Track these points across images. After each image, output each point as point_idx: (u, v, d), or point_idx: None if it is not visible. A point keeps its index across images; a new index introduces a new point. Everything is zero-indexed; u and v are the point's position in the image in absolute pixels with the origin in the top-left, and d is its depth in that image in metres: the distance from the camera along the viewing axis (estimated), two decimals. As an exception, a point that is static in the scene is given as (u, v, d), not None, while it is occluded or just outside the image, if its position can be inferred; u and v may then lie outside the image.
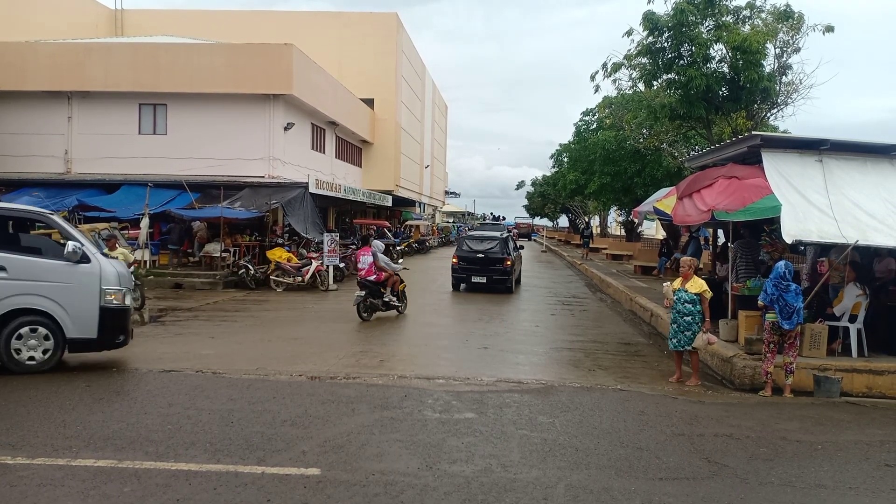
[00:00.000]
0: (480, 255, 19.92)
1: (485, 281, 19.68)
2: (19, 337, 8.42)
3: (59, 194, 22.34)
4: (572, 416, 7.30)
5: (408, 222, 45.42)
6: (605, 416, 7.39)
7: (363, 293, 13.96)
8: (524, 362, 10.49)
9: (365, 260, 14.36)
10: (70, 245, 8.56)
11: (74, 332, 8.65)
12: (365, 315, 13.92)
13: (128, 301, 9.14)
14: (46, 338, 8.53)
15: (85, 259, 8.70)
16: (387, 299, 14.29)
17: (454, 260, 20.37)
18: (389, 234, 33.55)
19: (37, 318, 8.50)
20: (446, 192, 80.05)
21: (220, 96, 24.13)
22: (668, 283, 9.69)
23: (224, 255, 20.80)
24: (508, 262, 19.84)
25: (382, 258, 14.51)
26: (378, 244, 14.91)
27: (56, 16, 33.82)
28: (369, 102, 38.88)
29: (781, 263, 8.84)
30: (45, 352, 8.55)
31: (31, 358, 8.48)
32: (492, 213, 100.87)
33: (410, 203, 49.44)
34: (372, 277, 14.08)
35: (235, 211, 20.96)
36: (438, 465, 5.69)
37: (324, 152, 31.30)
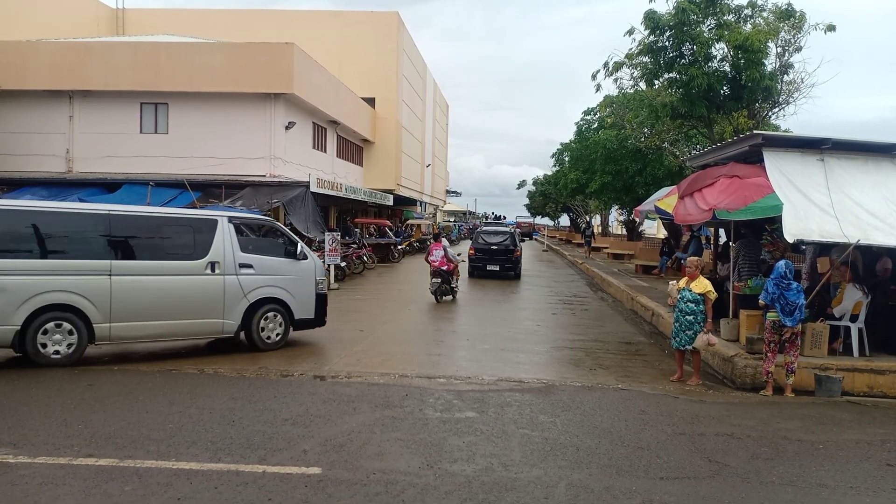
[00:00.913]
0: (494, 247, 23.50)
1: (498, 269, 23.25)
2: (265, 319, 10.45)
3: (60, 193, 22.34)
4: (573, 416, 7.30)
5: (409, 221, 45.42)
6: (606, 415, 7.39)
7: (438, 280, 16.85)
8: (525, 361, 10.49)
9: (437, 253, 16.98)
10: (299, 246, 11.00)
11: (300, 314, 10.85)
12: (439, 297, 16.94)
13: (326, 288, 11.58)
14: (282, 321, 10.65)
15: (304, 256, 11.04)
16: (453, 286, 17.28)
17: (471, 251, 23.38)
18: (391, 233, 33.56)
19: (275, 305, 10.54)
20: (447, 192, 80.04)
21: (221, 95, 24.14)
22: (674, 281, 9.68)
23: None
24: (518, 253, 23.62)
25: (451, 252, 17.46)
26: (446, 241, 18.09)
27: (57, 15, 33.84)
28: (370, 101, 38.86)
29: (782, 263, 8.83)
30: (278, 333, 10.62)
31: (269, 337, 10.50)
32: (493, 213, 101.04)
33: (412, 202, 49.45)
34: (444, 267, 16.83)
35: (236, 210, 20.96)
36: (439, 464, 5.69)
37: (325, 151, 31.30)
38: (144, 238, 9.70)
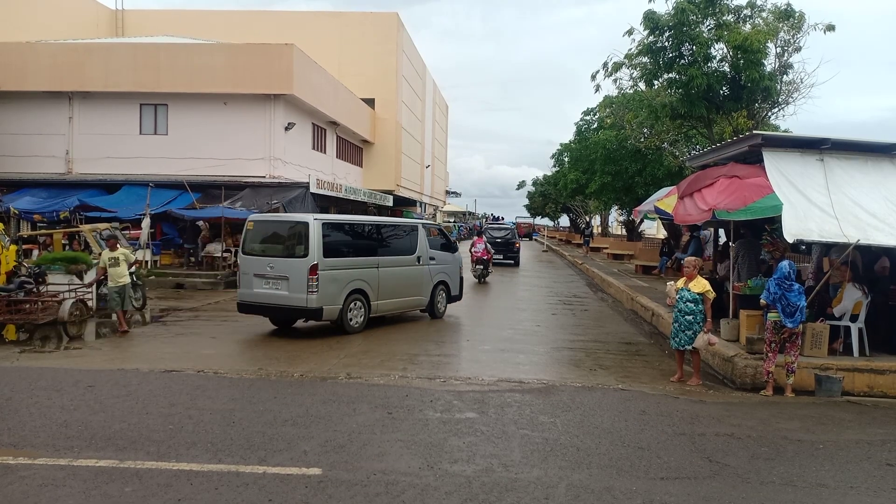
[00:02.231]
0: (499, 241, 31.01)
1: (502, 257, 30.64)
2: (440, 296, 14.49)
3: (60, 194, 22.38)
4: (573, 416, 7.30)
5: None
6: (606, 415, 7.39)
7: (481, 266, 22.60)
8: (525, 362, 10.49)
9: (480, 246, 22.97)
10: (455, 243, 15.44)
11: (454, 292, 15.02)
12: (481, 280, 22.64)
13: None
14: (445, 297, 14.72)
15: (456, 249, 15.39)
16: (489, 271, 23.24)
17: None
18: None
19: (443, 286, 14.53)
20: (447, 192, 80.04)
21: (220, 96, 24.15)
22: (673, 282, 9.68)
23: (225, 255, 20.81)
24: (517, 245, 32.34)
25: (489, 245, 23.82)
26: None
27: (56, 16, 33.85)
28: (370, 102, 38.87)
29: (785, 263, 8.83)
30: (444, 306, 14.71)
31: (440, 310, 14.51)
32: (492, 214, 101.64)
33: (411, 203, 49.43)
34: (485, 257, 22.68)
35: (236, 211, 20.98)
36: (440, 464, 5.69)
37: (324, 152, 31.31)
38: (389, 240, 13.42)
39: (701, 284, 9.09)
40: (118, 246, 12.60)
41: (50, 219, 20.88)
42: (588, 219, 60.74)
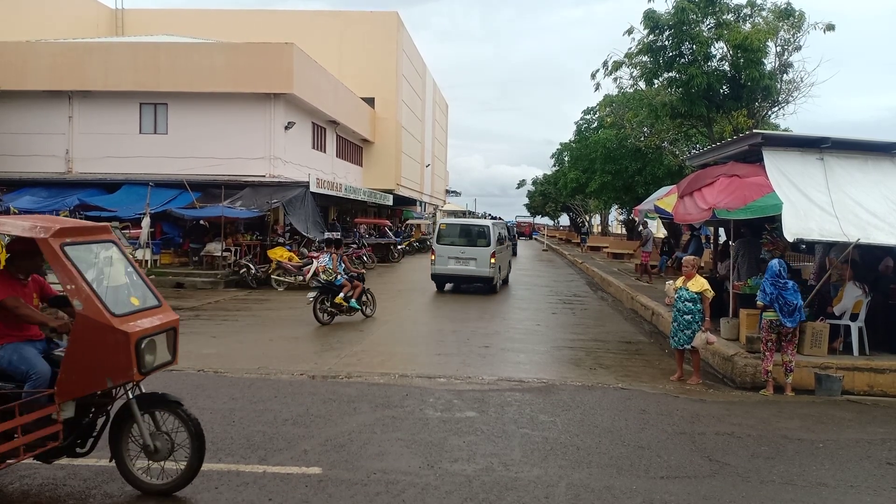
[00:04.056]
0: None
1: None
2: (500, 275, 19.80)
3: (60, 194, 22.37)
4: (573, 415, 7.31)
5: (409, 221, 45.42)
6: (606, 414, 7.39)
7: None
8: (525, 361, 10.49)
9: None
10: (508, 236, 22.61)
11: (505, 274, 21.05)
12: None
13: None
14: (503, 278, 21.00)
15: (507, 241, 21.83)
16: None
17: None
18: (391, 233, 33.58)
19: (502, 268, 20.25)
20: (447, 191, 80.00)
21: (220, 95, 24.14)
22: (671, 281, 9.68)
23: (225, 254, 20.81)
24: (515, 238, 37.84)
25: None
26: None
27: (56, 15, 33.83)
28: (370, 101, 38.85)
29: (775, 262, 8.82)
30: (501, 285, 20.23)
31: (498, 287, 19.83)
32: (489, 215, 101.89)
33: (411, 202, 49.43)
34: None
35: (236, 210, 20.98)
36: (440, 463, 5.69)
37: (324, 151, 31.30)
38: (474, 234, 19.27)
39: (699, 283, 9.09)
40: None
41: (50, 218, 20.86)
42: (588, 218, 60.73)
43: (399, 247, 32.68)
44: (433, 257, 19.19)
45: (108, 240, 5.13)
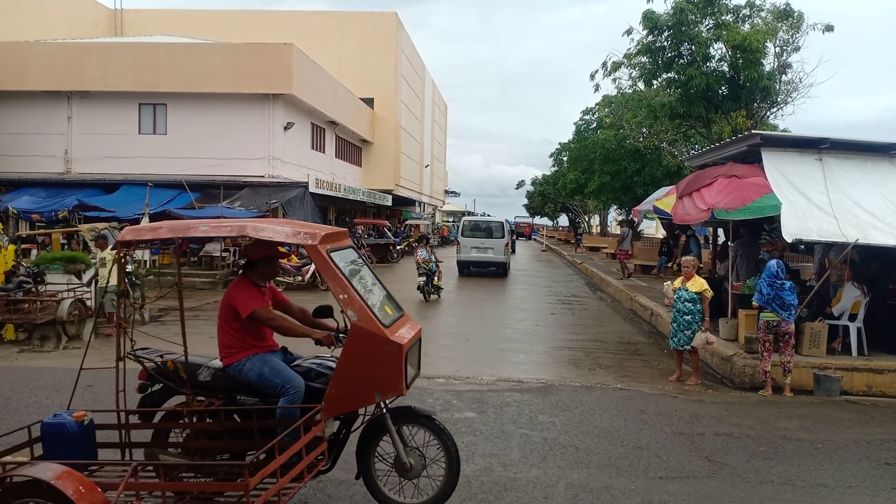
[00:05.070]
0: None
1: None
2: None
3: (59, 194, 22.36)
4: (572, 415, 7.31)
5: (408, 221, 45.42)
6: (605, 415, 7.39)
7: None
8: (524, 361, 10.49)
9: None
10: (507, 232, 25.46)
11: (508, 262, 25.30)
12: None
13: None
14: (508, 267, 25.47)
15: (504, 234, 24.39)
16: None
17: None
18: (389, 234, 33.57)
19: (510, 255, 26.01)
20: (446, 192, 80.00)
21: (219, 96, 24.14)
22: (669, 282, 9.69)
23: (224, 254, 20.80)
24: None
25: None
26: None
27: (55, 16, 33.82)
28: (369, 102, 38.86)
29: (773, 262, 8.83)
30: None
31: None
32: (487, 215, 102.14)
33: (410, 202, 49.44)
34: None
35: (235, 210, 20.97)
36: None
37: (324, 152, 31.30)
38: (492, 229, 24.31)
39: (698, 284, 9.10)
40: (107, 246, 12.57)
41: (48, 218, 20.87)
42: (587, 218, 60.74)
43: (398, 247, 32.66)
44: (458, 247, 24.37)
45: (350, 245, 4.89)
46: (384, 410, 4.52)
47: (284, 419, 4.34)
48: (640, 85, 20.56)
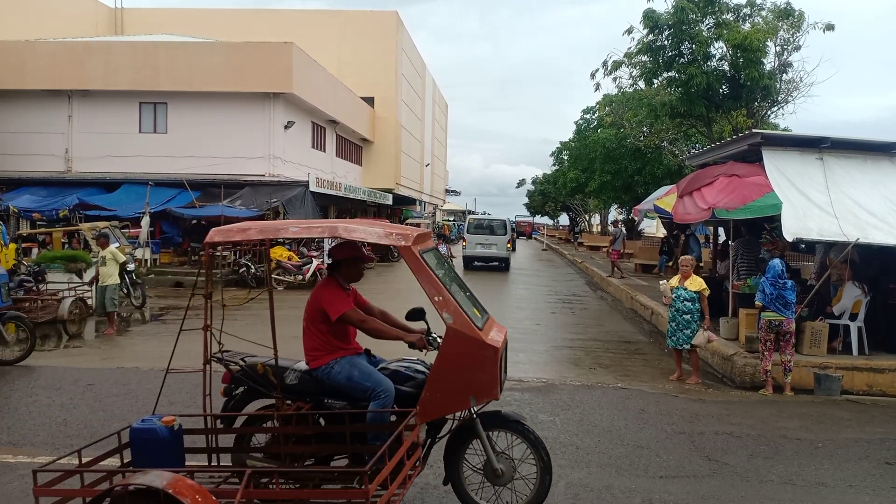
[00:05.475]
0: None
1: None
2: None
3: (59, 193, 22.36)
4: (573, 415, 7.31)
5: (408, 221, 45.38)
6: (605, 414, 7.39)
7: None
8: (525, 360, 10.49)
9: None
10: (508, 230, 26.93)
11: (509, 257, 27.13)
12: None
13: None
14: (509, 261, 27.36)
15: (507, 231, 26.68)
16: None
17: None
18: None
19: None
20: (446, 191, 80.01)
21: (220, 95, 24.14)
22: (665, 281, 9.68)
23: (224, 253, 20.80)
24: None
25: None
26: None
27: (56, 14, 33.82)
28: (369, 101, 38.85)
29: (777, 261, 8.83)
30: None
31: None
32: (487, 214, 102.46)
33: (411, 201, 49.41)
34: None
35: (236, 209, 20.98)
36: (439, 462, 5.68)
37: (324, 151, 31.30)
38: (495, 226, 26.13)
39: (697, 282, 9.11)
40: (109, 244, 12.57)
41: (49, 217, 20.87)
42: (588, 217, 60.73)
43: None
44: (464, 244, 26.32)
45: (434, 247, 4.81)
46: (474, 415, 4.43)
47: (375, 423, 4.27)
48: (641, 84, 20.57)
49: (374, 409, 4.28)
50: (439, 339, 4.44)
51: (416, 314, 4.54)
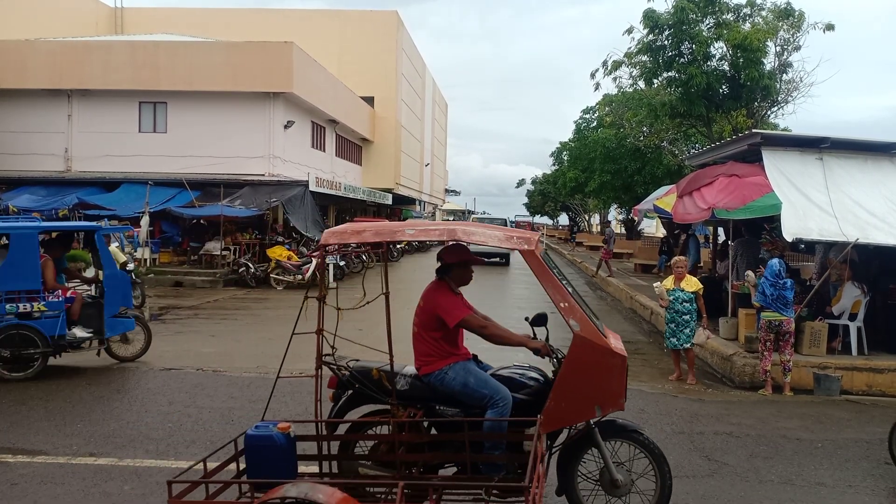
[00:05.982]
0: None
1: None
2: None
3: (59, 192, 22.34)
4: (572, 415, 7.29)
5: (408, 220, 45.43)
6: (605, 414, 7.37)
7: None
8: (524, 360, 10.47)
9: None
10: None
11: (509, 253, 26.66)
12: None
13: None
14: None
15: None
16: None
17: None
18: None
19: None
20: (446, 191, 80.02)
21: (220, 94, 24.11)
22: (659, 282, 9.67)
23: (224, 253, 20.81)
24: None
25: None
26: None
27: (56, 14, 33.79)
28: (369, 100, 38.83)
29: (776, 261, 8.83)
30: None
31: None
32: (487, 213, 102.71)
33: (411, 201, 49.41)
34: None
35: (235, 209, 20.96)
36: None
37: (324, 150, 31.29)
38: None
39: (693, 283, 9.12)
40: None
41: (49, 217, 20.86)
42: (588, 217, 60.76)
43: (398, 246, 32.66)
44: None
45: (545, 251, 4.68)
46: (592, 424, 4.31)
47: (493, 432, 4.15)
48: (641, 84, 20.57)
49: (491, 416, 4.16)
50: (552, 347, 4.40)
51: (540, 320, 4.56)
